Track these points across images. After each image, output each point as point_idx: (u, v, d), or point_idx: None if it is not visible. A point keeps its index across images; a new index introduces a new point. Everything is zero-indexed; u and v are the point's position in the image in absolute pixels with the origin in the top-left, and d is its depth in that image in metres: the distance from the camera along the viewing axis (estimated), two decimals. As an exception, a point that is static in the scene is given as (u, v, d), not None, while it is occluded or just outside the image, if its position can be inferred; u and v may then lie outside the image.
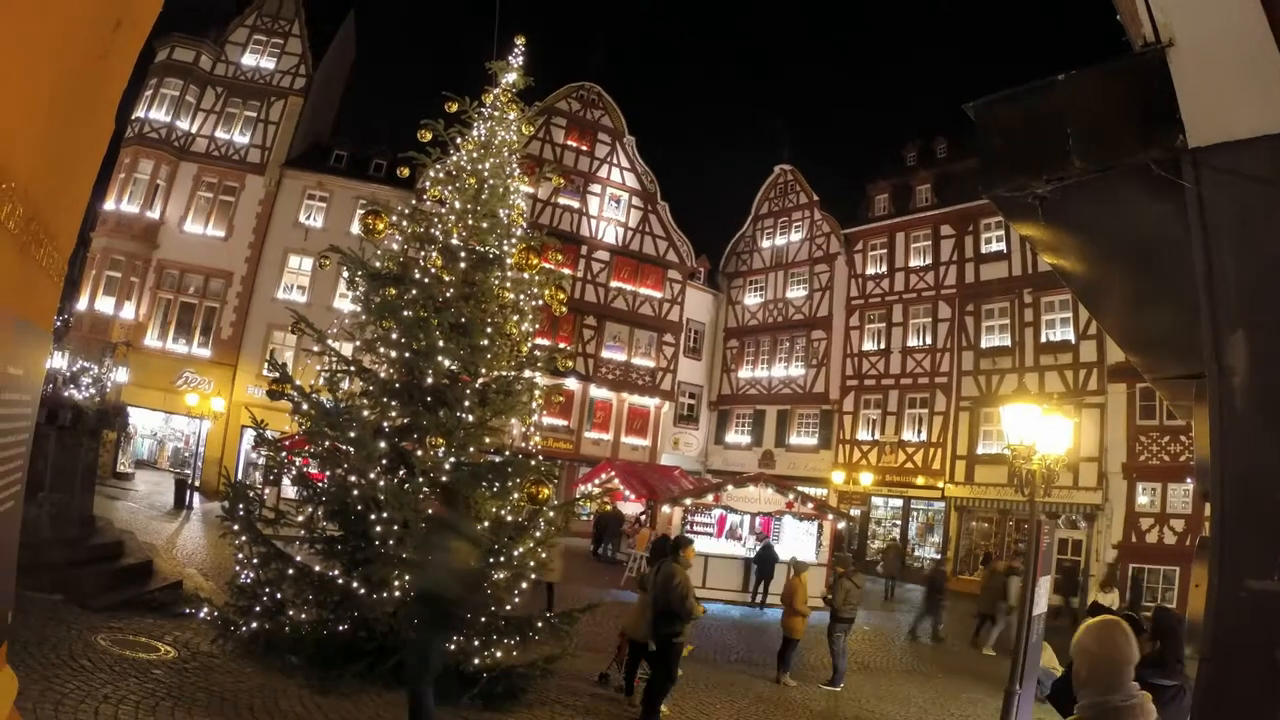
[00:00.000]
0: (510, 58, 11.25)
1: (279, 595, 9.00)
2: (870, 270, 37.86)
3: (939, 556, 31.61)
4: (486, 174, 10.56)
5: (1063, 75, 3.53)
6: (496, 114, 10.92)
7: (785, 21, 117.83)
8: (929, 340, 34.61)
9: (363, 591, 8.54)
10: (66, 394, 17.41)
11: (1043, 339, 30.26)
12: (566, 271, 33.78)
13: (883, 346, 36.45)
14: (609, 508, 29.10)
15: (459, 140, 10.72)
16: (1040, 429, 9.87)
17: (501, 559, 9.44)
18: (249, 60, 35.05)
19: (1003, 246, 32.36)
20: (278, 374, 9.45)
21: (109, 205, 31.60)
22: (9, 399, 2.36)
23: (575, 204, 37.82)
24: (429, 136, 10.58)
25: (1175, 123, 3.05)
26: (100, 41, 2.70)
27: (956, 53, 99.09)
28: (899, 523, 34.52)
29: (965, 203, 33.05)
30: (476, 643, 9.04)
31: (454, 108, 10.85)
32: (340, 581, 8.76)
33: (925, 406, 34.17)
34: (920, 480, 33.47)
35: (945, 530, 32.37)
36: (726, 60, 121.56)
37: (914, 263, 36.08)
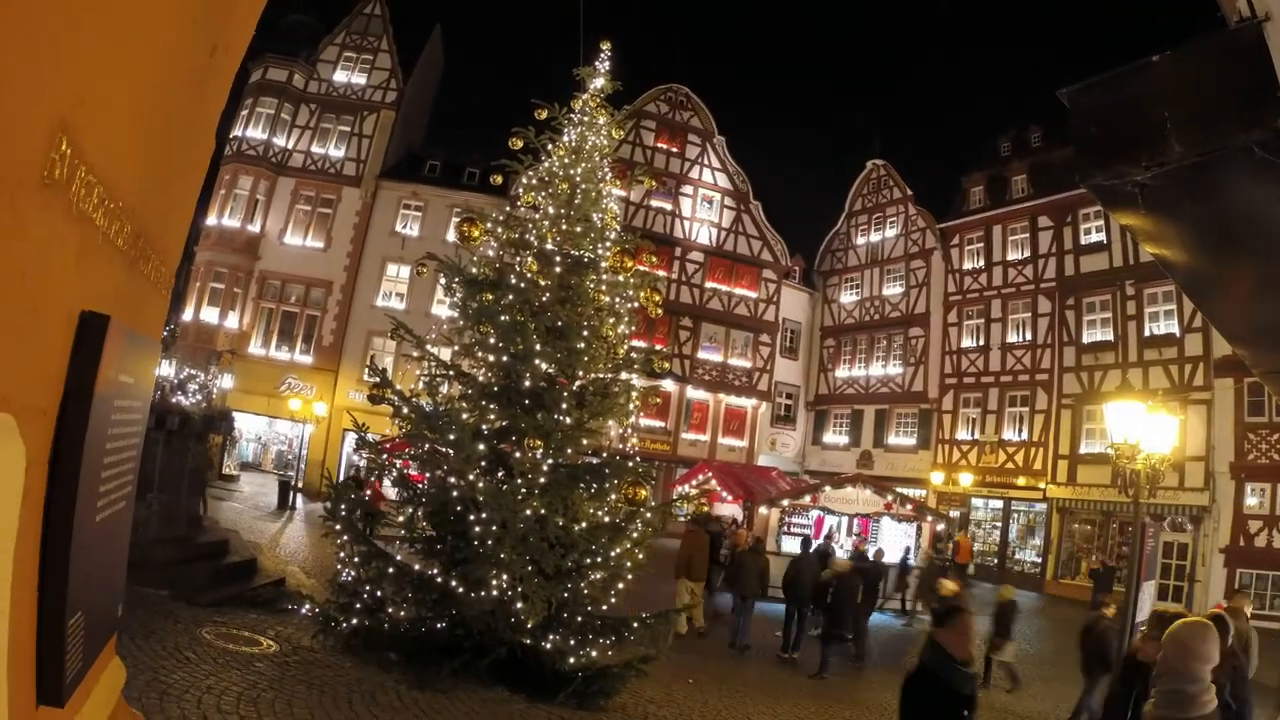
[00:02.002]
0: (597, 63, 11.29)
1: (379, 593, 9.19)
2: (967, 265, 36.94)
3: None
4: (578, 179, 10.61)
5: (1156, 56, 3.40)
6: (586, 119, 10.95)
7: (874, 15, 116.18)
8: (1029, 336, 33.55)
9: (461, 590, 8.65)
10: (174, 400, 18.08)
11: (1146, 333, 29.02)
12: (661, 273, 33.73)
13: (981, 343, 35.49)
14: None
15: (550, 146, 10.76)
16: (1145, 427, 9.56)
17: (599, 559, 9.51)
18: (340, 77, 36.12)
19: (1102, 237, 31.22)
20: (378, 379, 9.66)
21: (211, 220, 32.94)
22: (121, 405, 2.47)
23: (668, 206, 37.85)
24: (520, 144, 10.67)
25: (1276, 100, 2.94)
26: (198, 66, 2.82)
27: (1049, 39, 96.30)
28: (999, 525, 33.59)
29: (1062, 192, 31.90)
30: (572, 642, 9.12)
31: (544, 114, 10.88)
32: (439, 580, 8.90)
33: (1026, 405, 33.16)
34: (1021, 481, 32.47)
35: (1046, 532, 31.34)
36: (815, 56, 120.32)
37: (1011, 256, 35.06)
